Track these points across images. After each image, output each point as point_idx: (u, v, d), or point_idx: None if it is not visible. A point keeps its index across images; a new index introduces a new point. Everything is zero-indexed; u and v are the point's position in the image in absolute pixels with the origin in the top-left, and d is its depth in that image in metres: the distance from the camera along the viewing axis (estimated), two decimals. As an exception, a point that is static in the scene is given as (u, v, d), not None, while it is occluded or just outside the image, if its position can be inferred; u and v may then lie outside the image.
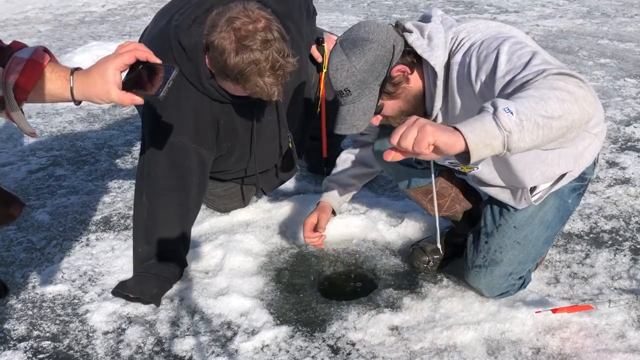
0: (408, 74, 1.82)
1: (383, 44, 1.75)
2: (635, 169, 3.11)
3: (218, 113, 2.23)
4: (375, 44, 1.74)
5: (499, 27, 1.77)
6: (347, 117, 1.81)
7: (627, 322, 2.00)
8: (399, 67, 1.79)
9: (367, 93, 1.77)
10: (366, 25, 1.79)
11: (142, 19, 6.85)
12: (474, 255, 2.13)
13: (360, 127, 1.82)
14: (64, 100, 1.36)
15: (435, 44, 1.76)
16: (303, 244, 2.55)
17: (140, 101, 1.44)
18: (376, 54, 1.74)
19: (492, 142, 1.28)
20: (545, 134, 1.32)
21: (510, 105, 1.30)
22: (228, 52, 1.91)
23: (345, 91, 1.77)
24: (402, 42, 1.79)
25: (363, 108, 1.79)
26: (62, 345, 2.01)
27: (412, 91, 1.84)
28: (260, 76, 1.93)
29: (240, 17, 1.91)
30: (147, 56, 1.43)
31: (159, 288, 2.21)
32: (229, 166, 2.48)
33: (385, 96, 1.82)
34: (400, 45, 1.78)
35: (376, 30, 1.77)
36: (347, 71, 1.75)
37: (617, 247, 2.45)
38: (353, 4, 7.53)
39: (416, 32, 1.80)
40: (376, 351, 1.94)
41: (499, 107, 1.29)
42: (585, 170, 2.02)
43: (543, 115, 1.30)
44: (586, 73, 4.64)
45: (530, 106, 1.31)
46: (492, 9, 7.09)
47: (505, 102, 1.31)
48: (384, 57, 1.75)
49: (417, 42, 1.78)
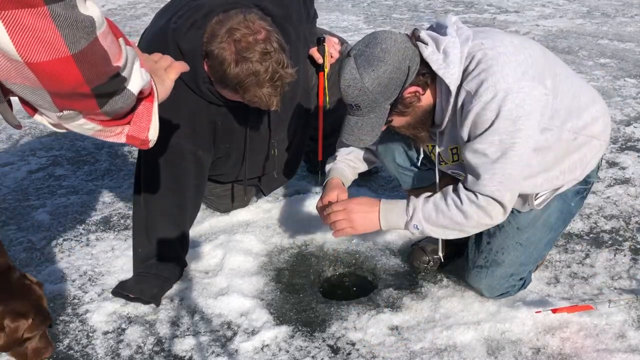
0: (420, 94, 1.80)
1: (399, 65, 1.71)
2: (635, 169, 3.11)
3: (215, 115, 2.23)
4: (390, 66, 1.70)
5: (516, 54, 1.73)
6: (354, 129, 1.81)
7: (627, 322, 2.00)
8: (412, 88, 1.77)
9: (377, 111, 1.76)
10: (383, 41, 1.72)
11: (142, 19, 6.85)
12: (475, 256, 2.13)
13: (367, 142, 1.83)
14: None
15: (451, 60, 1.73)
16: (303, 243, 2.55)
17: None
18: (391, 76, 1.71)
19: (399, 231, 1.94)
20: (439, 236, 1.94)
21: (421, 224, 1.86)
22: (228, 62, 1.92)
23: (355, 106, 1.76)
24: (417, 58, 1.75)
25: (372, 124, 1.79)
26: (62, 345, 2.01)
27: (422, 107, 1.84)
28: (260, 87, 1.94)
29: (240, 29, 1.92)
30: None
31: (159, 288, 2.21)
32: (226, 169, 2.48)
33: (395, 113, 1.82)
34: (415, 66, 1.74)
35: (393, 49, 1.71)
36: (359, 90, 1.72)
37: (617, 247, 2.45)
38: (353, 4, 7.53)
39: (432, 45, 1.76)
40: (376, 351, 1.94)
41: (411, 221, 1.87)
42: (590, 174, 2.02)
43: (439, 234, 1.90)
44: (586, 73, 4.65)
45: (434, 229, 1.87)
46: (492, 9, 7.09)
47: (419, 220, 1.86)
48: (398, 79, 1.72)
49: (433, 56, 1.74)
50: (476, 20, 6.54)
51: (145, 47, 2.24)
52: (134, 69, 1.01)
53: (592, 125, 1.91)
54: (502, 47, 1.74)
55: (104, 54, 0.92)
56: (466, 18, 6.61)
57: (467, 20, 6.49)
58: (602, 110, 1.96)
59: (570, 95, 1.85)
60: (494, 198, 1.77)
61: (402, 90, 1.75)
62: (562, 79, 1.83)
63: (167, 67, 1.33)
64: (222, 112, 2.24)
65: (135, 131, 1.07)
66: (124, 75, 0.98)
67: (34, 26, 0.81)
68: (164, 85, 1.29)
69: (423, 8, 7.22)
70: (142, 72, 1.04)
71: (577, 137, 1.88)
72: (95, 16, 0.89)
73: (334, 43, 2.56)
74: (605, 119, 1.96)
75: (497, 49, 1.73)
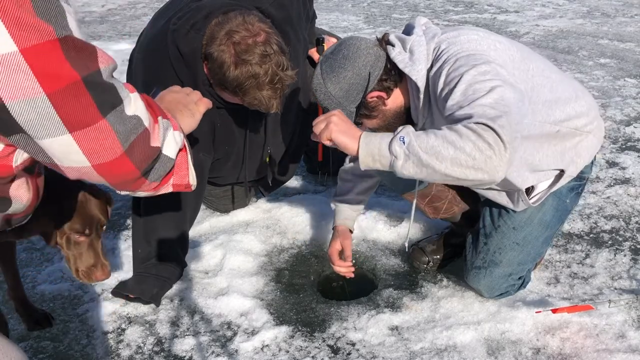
0: (384, 99, 1.86)
1: (358, 72, 1.78)
2: (635, 169, 3.11)
3: (214, 117, 2.23)
4: (350, 72, 1.78)
5: (479, 41, 1.75)
6: None
7: (627, 322, 2.00)
8: (374, 93, 1.83)
9: (344, 113, 1.80)
10: (346, 48, 1.81)
11: (142, 19, 6.85)
12: (473, 257, 2.13)
13: None
14: None
15: (416, 57, 1.78)
16: (303, 243, 2.55)
17: None
18: (350, 82, 1.79)
19: (380, 160, 1.52)
20: (428, 173, 1.48)
21: (409, 136, 1.48)
22: (227, 65, 1.92)
23: (325, 108, 1.84)
24: (381, 64, 1.80)
25: None
26: (62, 345, 2.01)
27: (391, 111, 1.89)
28: (259, 89, 1.94)
29: (239, 31, 1.91)
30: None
31: (159, 288, 2.21)
32: (224, 172, 2.48)
33: (362, 116, 1.88)
34: (377, 71, 1.80)
35: (354, 55, 1.79)
36: (324, 94, 1.82)
37: (617, 247, 2.45)
38: (353, 4, 7.53)
39: (398, 46, 1.82)
40: (376, 351, 1.94)
41: (398, 134, 1.50)
42: (583, 169, 2.02)
43: (429, 156, 1.45)
44: (586, 73, 4.65)
45: (424, 145, 1.46)
46: (492, 8, 7.10)
47: (406, 132, 1.50)
48: (359, 84, 1.79)
49: (399, 57, 1.80)
50: (476, 20, 6.54)
51: (144, 49, 2.25)
52: (168, 137, 1.15)
53: (577, 119, 1.91)
54: (465, 36, 1.78)
55: (147, 140, 1.08)
56: (466, 18, 6.62)
57: (467, 20, 6.49)
58: (587, 106, 1.96)
59: (546, 89, 1.86)
60: (485, 124, 1.44)
61: (364, 95, 1.81)
62: (536, 73, 1.84)
63: (197, 100, 1.46)
64: (221, 114, 2.24)
65: (179, 180, 1.22)
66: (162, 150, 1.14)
67: (98, 138, 1.00)
68: (194, 118, 1.42)
69: (423, 8, 7.22)
70: (176, 136, 1.17)
71: (560, 129, 1.88)
72: (141, 113, 1.05)
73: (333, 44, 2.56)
74: (591, 114, 1.96)
75: (459, 37, 1.77)
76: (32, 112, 0.93)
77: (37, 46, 0.91)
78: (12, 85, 0.91)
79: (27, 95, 0.92)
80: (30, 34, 0.90)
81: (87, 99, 0.96)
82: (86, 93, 0.96)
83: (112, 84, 1.01)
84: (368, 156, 1.53)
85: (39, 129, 0.95)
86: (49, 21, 0.92)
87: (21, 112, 0.93)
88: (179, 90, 1.48)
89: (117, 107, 1.00)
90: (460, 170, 1.44)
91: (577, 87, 2.00)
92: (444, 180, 1.52)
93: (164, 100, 1.42)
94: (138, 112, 1.05)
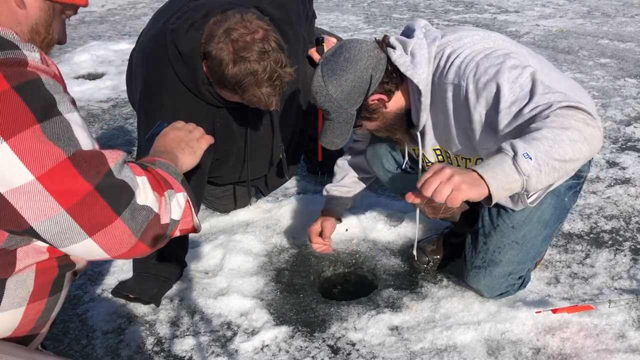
0: (385, 101, 1.86)
1: (360, 74, 1.78)
2: (635, 169, 3.11)
3: (214, 116, 2.23)
4: (352, 75, 1.77)
5: (483, 40, 1.77)
6: (327, 132, 1.89)
7: (627, 322, 2.00)
8: (375, 96, 1.83)
9: (344, 116, 1.83)
10: (347, 50, 1.80)
11: (141, 19, 6.85)
12: (473, 256, 2.13)
13: (338, 144, 1.91)
14: None
15: (418, 60, 1.78)
16: (303, 244, 2.55)
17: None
18: (352, 84, 1.78)
19: (512, 186, 1.40)
20: (560, 175, 1.45)
21: (529, 150, 1.39)
22: (226, 63, 1.92)
23: (325, 111, 1.85)
24: (382, 67, 1.80)
25: (341, 128, 1.86)
26: (62, 345, 2.01)
27: (392, 113, 1.90)
28: (258, 87, 1.94)
29: (237, 28, 1.91)
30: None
31: (159, 288, 2.21)
32: (224, 171, 2.48)
33: (363, 118, 1.88)
34: (379, 74, 1.80)
35: (355, 58, 1.78)
36: (324, 97, 1.81)
37: (617, 247, 2.45)
38: (353, 4, 7.53)
39: (399, 49, 1.82)
40: (376, 351, 1.94)
41: (518, 152, 1.39)
42: (581, 168, 2.02)
43: (558, 160, 1.41)
44: (586, 73, 4.65)
45: (545, 150, 1.39)
46: (492, 8, 7.09)
47: (523, 146, 1.39)
48: (361, 87, 1.79)
49: (400, 59, 1.80)
50: (476, 20, 6.54)
51: (143, 48, 2.25)
52: (172, 205, 1.25)
53: None
54: (468, 38, 1.78)
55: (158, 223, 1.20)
56: (466, 18, 6.62)
57: (467, 20, 6.49)
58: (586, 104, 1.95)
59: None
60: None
61: (366, 97, 1.81)
62: (537, 70, 1.83)
63: (199, 138, 1.54)
64: (221, 114, 2.24)
65: (184, 225, 1.31)
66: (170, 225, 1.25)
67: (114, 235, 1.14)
68: (195, 155, 1.51)
69: (423, 8, 7.22)
70: (179, 198, 1.28)
71: None
72: (150, 201, 1.18)
73: (333, 44, 2.56)
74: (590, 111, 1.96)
75: (462, 40, 1.78)
76: (55, 227, 1.08)
77: (51, 170, 1.05)
78: (35, 209, 1.05)
79: (48, 215, 1.06)
80: (44, 160, 1.04)
81: (101, 203, 1.10)
82: (100, 199, 1.10)
83: (123, 180, 1.14)
84: (500, 189, 1.39)
85: (63, 239, 1.10)
86: (58, 143, 1.06)
87: (46, 229, 1.08)
88: (181, 126, 1.55)
89: (130, 201, 1.14)
90: (582, 153, 1.44)
91: (574, 86, 2.00)
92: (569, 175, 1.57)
93: (166, 139, 1.51)
94: (148, 201, 1.18)
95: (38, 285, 1.20)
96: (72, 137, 1.08)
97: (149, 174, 1.23)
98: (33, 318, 1.24)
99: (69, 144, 1.07)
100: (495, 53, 1.70)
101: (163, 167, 1.33)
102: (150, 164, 1.32)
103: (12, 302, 1.17)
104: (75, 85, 4.59)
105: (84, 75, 4.88)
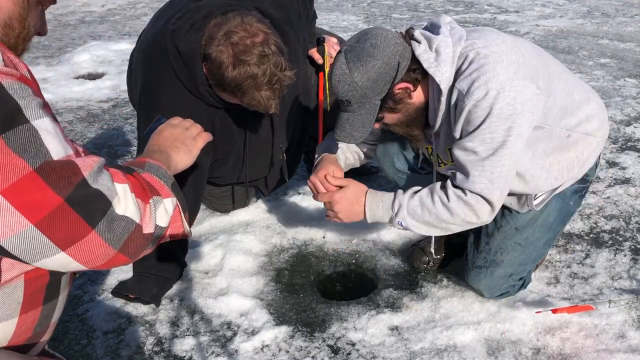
0: (411, 90, 1.80)
1: (388, 61, 1.71)
2: (635, 169, 3.11)
3: (213, 117, 2.23)
4: (379, 61, 1.70)
5: (510, 52, 1.73)
6: (346, 125, 1.81)
7: (627, 322, 2.00)
8: (402, 84, 1.77)
9: (367, 107, 1.76)
10: (373, 37, 1.73)
11: (141, 18, 6.85)
12: (475, 256, 2.13)
13: (358, 138, 1.83)
14: None
15: (442, 59, 1.73)
16: (303, 243, 2.55)
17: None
18: (380, 71, 1.71)
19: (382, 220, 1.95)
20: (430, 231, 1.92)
21: (406, 219, 1.87)
22: (225, 65, 1.92)
23: (346, 101, 1.77)
24: (408, 55, 1.75)
25: (362, 120, 1.79)
26: (62, 345, 2.01)
27: (414, 105, 1.84)
28: (258, 90, 1.94)
29: (238, 31, 1.91)
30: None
31: (159, 288, 2.21)
32: (224, 172, 2.48)
33: (385, 110, 1.81)
34: (405, 62, 1.74)
35: (383, 44, 1.71)
36: (349, 85, 1.73)
37: (617, 247, 2.45)
38: (353, 4, 7.53)
39: (424, 44, 1.76)
40: (376, 351, 1.94)
41: (397, 217, 1.89)
42: (588, 172, 2.02)
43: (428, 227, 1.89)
44: (586, 73, 4.65)
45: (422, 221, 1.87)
46: (492, 8, 7.09)
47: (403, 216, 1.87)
48: (388, 74, 1.72)
49: (424, 55, 1.75)
50: (476, 20, 6.54)
51: (143, 49, 2.25)
52: (159, 211, 1.18)
53: (587, 122, 1.91)
54: (495, 46, 1.74)
55: (140, 233, 1.13)
56: (466, 18, 6.62)
57: (467, 20, 6.49)
58: (598, 108, 1.96)
59: (564, 93, 1.85)
60: (483, 196, 1.77)
61: (392, 86, 1.75)
62: (555, 77, 1.83)
63: (196, 135, 1.47)
64: (220, 115, 2.24)
65: (174, 230, 1.26)
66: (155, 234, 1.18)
67: (90, 248, 1.06)
68: (191, 154, 1.45)
69: (423, 8, 7.22)
70: (166, 204, 1.21)
71: (571, 134, 1.88)
72: (130, 211, 1.10)
73: (334, 43, 2.56)
74: (601, 116, 1.96)
75: (489, 48, 1.73)
76: (23, 243, 1.00)
77: (15, 184, 0.97)
78: (1, 225, 0.98)
79: (16, 231, 0.99)
80: (7, 174, 0.96)
81: (73, 216, 1.02)
82: (71, 212, 1.02)
83: (99, 190, 1.06)
84: (374, 220, 1.96)
85: (34, 255, 1.02)
86: (23, 154, 0.97)
87: (14, 246, 1.00)
88: (178, 123, 1.49)
89: (106, 212, 1.06)
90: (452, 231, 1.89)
91: (588, 89, 2.00)
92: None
93: (160, 137, 1.45)
94: (129, 210, 1.10)
95: (28, 295, 1.14)
96: (39, 147, 1.00)
97: (133, 180, 1.16)
98: (29, 327, 1.19)
99: (36, 155, 0.99)
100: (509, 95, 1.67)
101: (152, 170, 1.26)
102: (138, 167, 1.25)
103: (1, 314, 1.11)
104: (75, 85, 4.59)
105: (84, 75, 4.88)
